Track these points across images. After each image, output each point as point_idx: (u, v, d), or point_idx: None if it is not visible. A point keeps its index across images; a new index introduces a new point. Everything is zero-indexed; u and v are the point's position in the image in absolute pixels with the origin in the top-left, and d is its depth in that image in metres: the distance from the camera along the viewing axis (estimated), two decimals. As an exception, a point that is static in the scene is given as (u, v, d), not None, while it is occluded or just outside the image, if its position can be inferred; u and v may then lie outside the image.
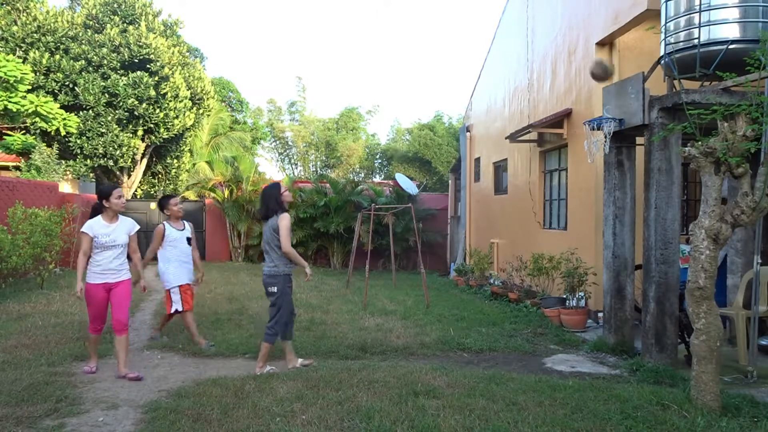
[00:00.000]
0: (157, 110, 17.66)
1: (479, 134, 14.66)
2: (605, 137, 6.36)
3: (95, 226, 5.26)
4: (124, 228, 5.40)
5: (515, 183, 11.62)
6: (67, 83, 16.92)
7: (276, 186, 5.58)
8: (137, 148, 18.41)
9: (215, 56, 61.50)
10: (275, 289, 5.38)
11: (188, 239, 6.60)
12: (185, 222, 6.75)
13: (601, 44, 8.20)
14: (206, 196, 17.98)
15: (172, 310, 6.50)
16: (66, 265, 13.65)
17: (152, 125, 17.89)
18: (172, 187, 21.26)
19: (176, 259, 6.47)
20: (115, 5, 18.48)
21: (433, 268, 16.16)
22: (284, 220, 5.34)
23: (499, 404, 4.32)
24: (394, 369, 5.33)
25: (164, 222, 6.59)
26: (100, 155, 17.53)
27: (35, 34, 16.83)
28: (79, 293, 5.21)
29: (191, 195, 19.87)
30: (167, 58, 18.03)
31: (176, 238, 6.50)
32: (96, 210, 5.37)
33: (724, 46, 5.45)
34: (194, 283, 6.74)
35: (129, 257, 5.50)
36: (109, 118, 17.22)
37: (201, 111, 19.99)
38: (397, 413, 4.11)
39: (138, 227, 5.54)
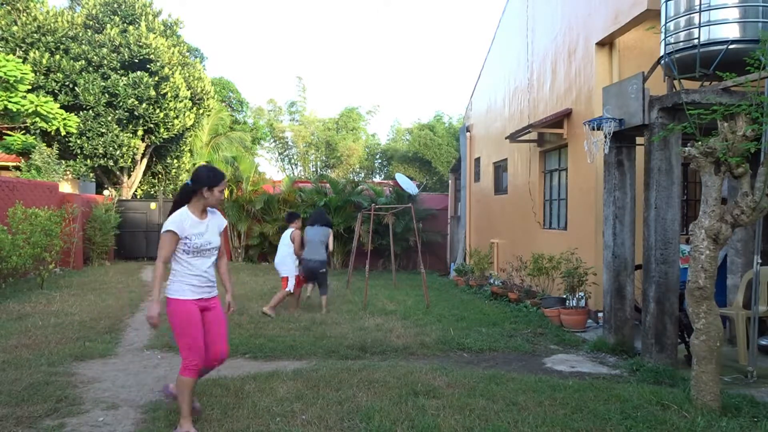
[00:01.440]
0: (157, 110, 17.67)
1: (479, 134, 14.66)
2: (605, 137, 6.36)
3: (185, 223, 3.85)
4: (217, 226, 4.05)
5: (515, 183, 11.62)
6: (67, 83, 16.93)
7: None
8: (137, 148, 18.42)
9: (215, 56, 61.53)
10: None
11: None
12: None
13: (601, 44, 8.20)
14: (206, 196, 17.94)
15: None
16: (66, 265, 13.65)
17: (152, 125, 17.89)
18: (172, 187, 21.27)
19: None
20: (115, 5, 18.49)
21: (433, 268, 16.16)
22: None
23: (499, 404, 4.32)
24: (394, 369, 5.33)
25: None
26: (100, 155, 17.53)
27: (35, 34, 16.84)
28: (156, 318, 3.88)
29: (191, 195, 19.85)
30: (167, 58, 18.03)
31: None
32: (182, 200, 3.96)
33: (724, 46, 5.45)
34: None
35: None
36: (109, 118, 17.23)
37: (201, 111, 20.00)
38: (397, 413, 4.11)
39: (226, 222, 4.28)
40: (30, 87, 14.70)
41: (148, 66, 17.75)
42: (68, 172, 17.05)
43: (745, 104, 4.46)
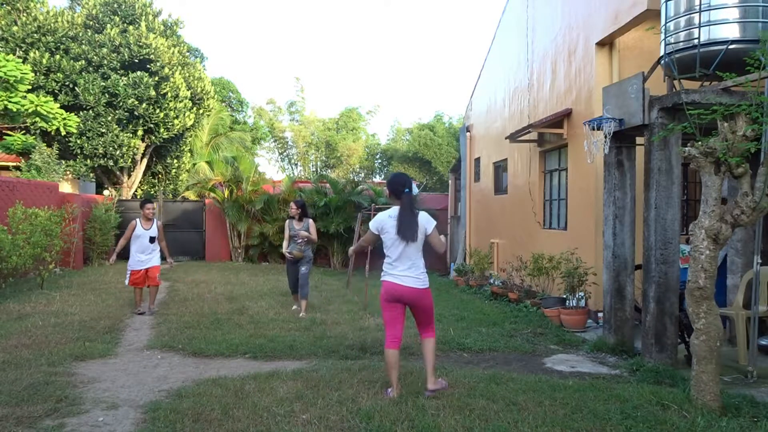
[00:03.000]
0: (157, 110, 17.66)
1: (479, 134, 14.66)
2: (605, 137, 6.36)
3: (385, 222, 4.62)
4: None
5: (515, 183, 11.62)
6: (67, 83, 16.93)
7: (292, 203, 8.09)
8: (137, 148, 18.42)
9: (215, 56, 61.57)
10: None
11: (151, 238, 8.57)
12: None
13: (601, 44, 8.20)
14: (206, 196, 17.97)
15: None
16: (66, 265, 13.65)
17: (152, 125, 17.89)
18: (172, 187, 21.27)
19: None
20: (115, 5, 18.49)
21: (433, 268, 16.13)
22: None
23: (499, 404, 4.32)
24: (394, 369, 5.32)
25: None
26: (100, 155, 17.53)
27: (35, 34, 16.84)
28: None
29: (191, 195, 19.87)
30: (167, 58, 18.03)
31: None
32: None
33: (724, 46, 5.45)
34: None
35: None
36: (109, 118, 17.23)
37: (201, 111, 20.00)
38: (397, 413, 4.11)
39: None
40: (30, 87, 14.68)
41: (148, 66, 17.75)
42: (68, 172, 17.05)
43: (745, 104, 4.45)
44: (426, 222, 4.65)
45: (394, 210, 4.65)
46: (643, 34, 7.50)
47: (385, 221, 4.65)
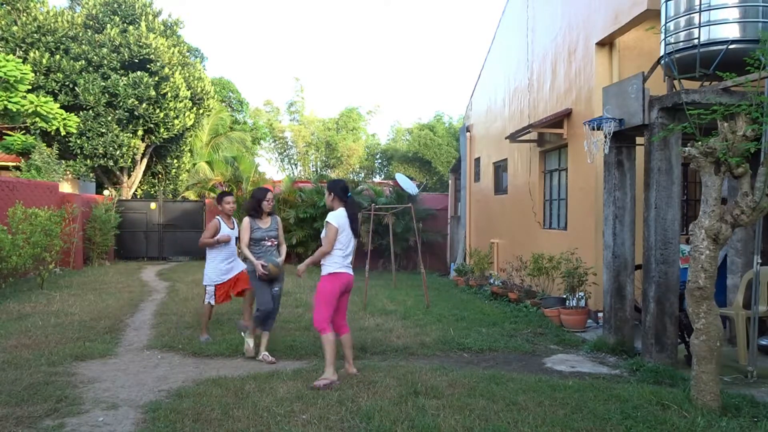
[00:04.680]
0: (157, 110, 17.66)
1: (479, 134, 14.66)
2: (605, 137, 6.36)
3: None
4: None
5: (515, 183, 11.62)
6: (67, 83, 16.93)
7: (264, 190, 6.23)
8: (137, 148, 18.42)
9: (215, 56, 61.57)
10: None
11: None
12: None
13: (601, 44, 8.20)
14: (206, 196, 17.97)
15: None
16: (66, 265, 13.65)
17: (152, 125, 17.89)
18: (172, 187, 21.26)
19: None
20: (115, 5, 18.49)
21: (433, 268, 16.16)
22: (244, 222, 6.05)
23: (499, 404, 4.32)
24: (394, 369, 5.33)
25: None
26: (100, 155, 17.53)
27: (35, 34, 16.84)
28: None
29: (191, 195, 19.88)
30: (167, 58, 18.03)
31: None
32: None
33: (724, 46, 5.45)
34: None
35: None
36: (109, 118, 17.23)
37: (201, 111, 20.00)
38: (397, 413, 4.11)
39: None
40: (30, 87, 14.69)
41: (148, 66, 17.75)
42: (68, 172, 17.05)
43: (745, 104, 4.45)
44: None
45: (343, 211, 5.24)
46: (643, 34, 7.50)
47: (344, 220, 5.21)
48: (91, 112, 17.03)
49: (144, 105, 17.34)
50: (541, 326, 7.72)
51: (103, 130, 17.22)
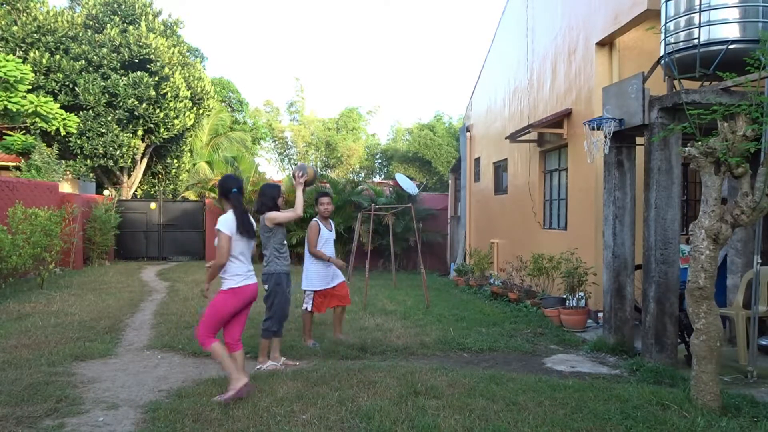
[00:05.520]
0: (157, 110, 17.66)
1: (479, 134, 14.66)
2: (605, 137, 6.35)
3: None
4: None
5: (515, 183, 11.62)
6: (67, 83, 16.93)
7: (276, 187, 5.66)
8: (137, 148, 18.42)
9: (215, 56, 61.56)
10: (266, 287, 5.51)
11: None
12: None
13: (601, 44, 8.20)
14: (206, 196, 17.97)
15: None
16: (66, 265, 13.65)
17: (152, 125, 17.89)
18: (172, 187, 21.26)
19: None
20: (115, 5, 18.49)
21: (433, 268, 16.16)
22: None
23: (499, 404, 4.32)
24: (394, 369, 5.32)
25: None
26: (100, 155, 17.54)
27: (35, 34, 16.84)
28: None
29: (191, 195, 19.88)
30: (167, 58, 18.03)
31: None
32: None
33: (724, 46, 5.45)
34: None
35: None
36: (109, 118, 17.23)
37: (201, 111, 20.00)
38: (397, 413, 4.11)
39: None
40: (30, 87, 14.70)
41: (148, 66, 17.75)
42: (68, 172, 17.05)
43: (745, 104, 4.45)
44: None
45: (231, 214, 4.55)
46: (643, 34, 7.50)
47: (235, 223, 4.52)
48: (91, 112, 17.03)
49: (144, 105, 17.34)
50: (541, 326, 7.72)
51: (103, 130, 17.21)
